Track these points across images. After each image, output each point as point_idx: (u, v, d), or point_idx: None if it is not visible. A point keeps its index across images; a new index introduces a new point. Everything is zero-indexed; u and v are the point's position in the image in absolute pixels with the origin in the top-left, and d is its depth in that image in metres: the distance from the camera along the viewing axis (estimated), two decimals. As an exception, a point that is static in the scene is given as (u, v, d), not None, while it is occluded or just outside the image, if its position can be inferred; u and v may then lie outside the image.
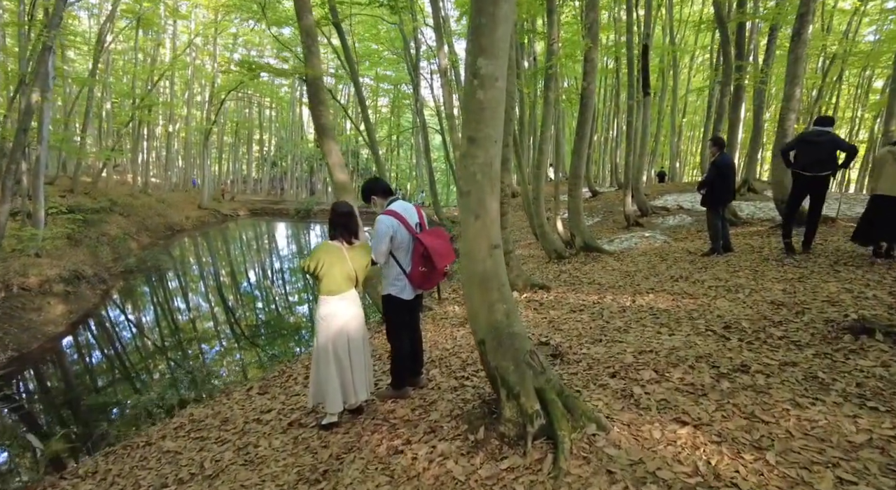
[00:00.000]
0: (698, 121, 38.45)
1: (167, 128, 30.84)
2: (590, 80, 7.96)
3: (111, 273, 18.06)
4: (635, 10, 16.03)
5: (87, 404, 6.53)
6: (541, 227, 9.80)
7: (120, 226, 23.01)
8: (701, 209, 15.88)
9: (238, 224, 31.32)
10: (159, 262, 20.35)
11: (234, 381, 6.34)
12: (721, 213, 7.18)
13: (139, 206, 25.58)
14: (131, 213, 24.51)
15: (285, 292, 16.34)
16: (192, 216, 28.29)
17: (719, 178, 6.92)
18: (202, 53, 29.95)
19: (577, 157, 8.24)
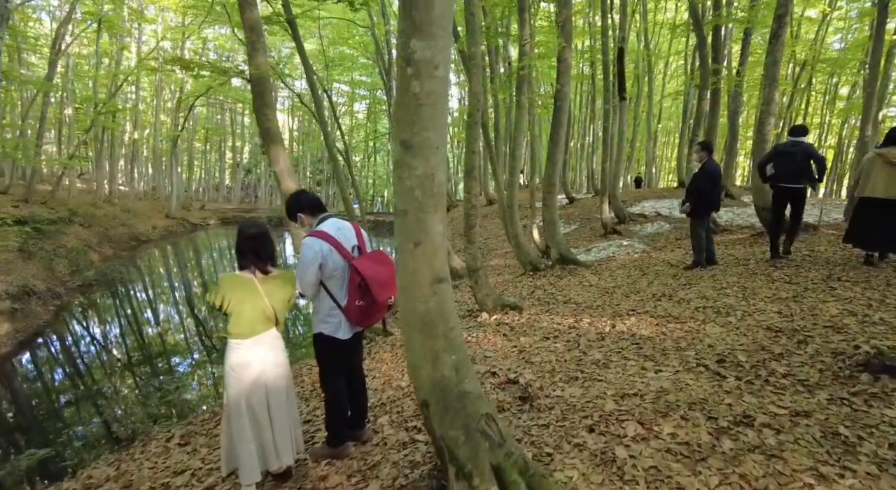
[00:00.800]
0: (673, 126, 38.62)
1: (133, 135, 29.60)
2: (564, 82, 7.43)
3: (67, 287, 16.98)
4: (610, 15, 15.70)
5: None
6: (515, 237, 9.23)
7: (80, 237, 21.84)
8: (679, 216, 15.57)
9: (208, 234, 30.21)
10: (121, 274, 19.30)
11: (169, 421, 5.56)
12: (707, 224, 6.70)
13: (102, 215, 24.40)
14: (93, 223, 23.33)
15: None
16: (160, 226, 27.15)
17: (708, 185, 6.44)
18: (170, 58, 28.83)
19: (552, 163, 7.70)
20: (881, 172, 5.33)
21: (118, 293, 17.82)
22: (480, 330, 5.12)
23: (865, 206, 5.47)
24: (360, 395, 3.18)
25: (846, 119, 28.72)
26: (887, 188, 5.27)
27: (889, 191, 5.27)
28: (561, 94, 7.45)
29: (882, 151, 5.41)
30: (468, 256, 5.58)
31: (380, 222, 29.42)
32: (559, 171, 7.74)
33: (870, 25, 22.70)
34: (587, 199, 20.16)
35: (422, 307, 2.15)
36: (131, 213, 26.53)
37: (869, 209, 5.42)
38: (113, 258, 22.30)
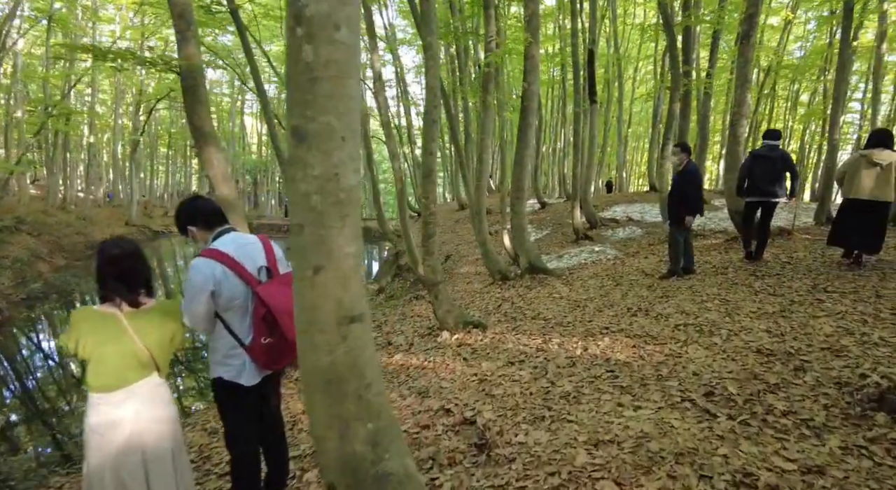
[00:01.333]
0: (643, 131, 38.90)
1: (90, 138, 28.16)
2: (531, 81, 6.94)
3: (10, 301, 15.79)
4: (580, 17, 15.41)
5: None
6: (483, 244, 8.69)
7: (27, 246, 20.50)
8: (652, 220, 15.33)
9: (172, 241, 28.93)
10: (71, 286, 18.13)
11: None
12: (687, 230, 6.26)
13: (54, 223, 23.05)
14: (43, 231, 21.99)
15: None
16: (119, 234, 25.81)
17: (689, 189, 6.02)
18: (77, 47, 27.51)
19: (520, 166, 7.19)
20: (865, 174, 5.28)
21: (69, 306, 16.69)
22: (439, 353, 4.54)
23: (849, 207, 5.45)
24: (278, 448, 2.56)
25: (807, 124, 29.25)
26: (871, 189, 5.25)
27: (873, 192, 5.24)
28: (528, 93, 6.96)
29: (866, 153, 5.35)
30: (427, 269, 5.02)
31: (350, 228, 28.60)
32: (528, 174, 7.24)
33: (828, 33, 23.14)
34: (559, 204, 19.84)
35: (325, 359, 1.55)
36: (88, 221, 25.16)
37: (852, 211, 5.41)
38: (65, 269, 21.01)
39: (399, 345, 5.22)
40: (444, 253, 17.30)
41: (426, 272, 4.99)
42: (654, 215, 15.02)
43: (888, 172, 5.23)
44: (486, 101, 7.99)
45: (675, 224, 6.17)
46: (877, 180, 5.22)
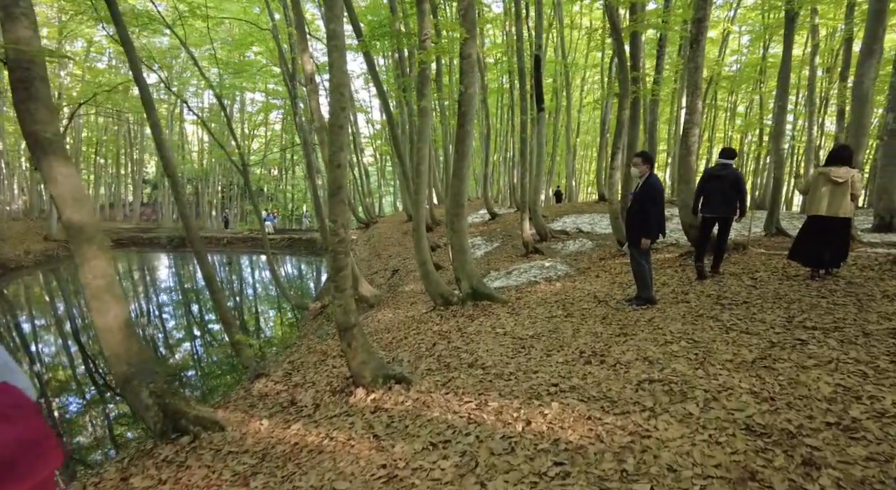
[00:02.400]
0: (591, 140, 39.15)
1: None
2: (468, 83, 6.05)
3: None
4: (526, 22, 14.78)
5: None
6: (423, 265, 7.71)
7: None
8: (602, 231, 14.80)
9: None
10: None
11: None
12: (649, 252, 5.50)
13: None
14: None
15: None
16: (36, 250, 23.33)
17: (651, 206, 5.24)
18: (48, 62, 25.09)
19: (458, 180, 6.27)
20: (824, 191, 5.35)
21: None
22: (347, 423, 3.51)
23: (811, 223, 5.48)
24: None
25: (744, 134, 30.01)
26: (828, 206, 5.32)
27: (831, 209, 5.30)
28: (465, 97, 6.06)
29: (824, 170, 5.41)
30: (337, 310, 3.99)
31: (296, 240, 27.03)
32: (466, 188, 6.33)
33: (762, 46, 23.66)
34: (510, 215, 19.15)
35: None
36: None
37: (814, 227, 5.44)
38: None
39: (304, 406, 4.15)
40: (392, 267, 16.23)
41: (337, 315, 3.97)
42: (604, 227, 14.50)
43: (845, 189, 5.26)
44: (423, 106, 7.05)
45: (635, 244, 5.38)
46: (833, 197, 5.29)
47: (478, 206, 24.02)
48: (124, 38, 5.26)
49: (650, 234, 5.24)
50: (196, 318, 14.89)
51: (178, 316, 15.30)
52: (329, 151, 3.86)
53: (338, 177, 3.82)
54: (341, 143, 3.83)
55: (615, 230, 10.62)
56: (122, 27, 5.23)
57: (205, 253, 5.71)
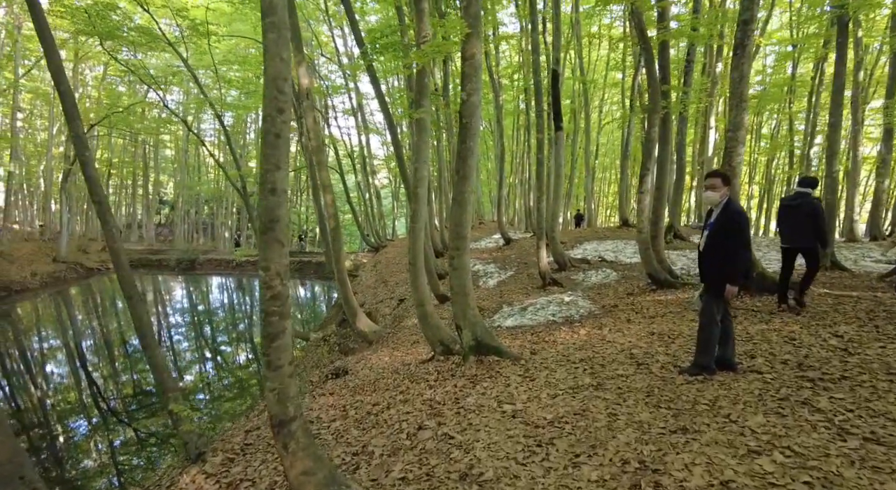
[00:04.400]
0: (609, 162, 37.84)
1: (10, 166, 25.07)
2: (471, 90, 4.87)
3: None
4: (543, 37, 13.71)
5: None
6: (420, 306, 6.44)
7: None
8: (627, 260, 13.34)
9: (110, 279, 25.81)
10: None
11: None
12: (727, 301, 4.00)
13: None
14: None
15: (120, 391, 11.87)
16: (43, 272, 22.68)
17: (733, 241, 3.77)
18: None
19: (459, 207, 5.03)
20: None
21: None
22: None
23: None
24: None
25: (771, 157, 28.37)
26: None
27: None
28: (468, 105, 4.87)
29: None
30: (269, 396, 2.74)
31: (306, 264, 26.02)
32: (469, 216, 5.07)
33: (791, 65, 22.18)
34: (525, 240, 17.81)
35: None
36: (5, 257, 22.00)
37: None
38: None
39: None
40: (399, 295, 14.99)
41: (269, 403, 2.72)
42: (629, 255, 13.08)
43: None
44: (419, 119, 5.87)
45: (714, 293, 3.93)
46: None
47: (492, 230, 22.74)
48: (47, 44, 4.21)
49: (736, 279, 3.82)
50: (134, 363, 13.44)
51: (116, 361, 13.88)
52: (261, 169, 2.67)
53: (272, 206, 2.63)
54: (278, 159, 2.64)
55: (645, 262, 9.24)
56: (42, 27, 4.20)
57: (134, 286, 4.54)
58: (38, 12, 4.22)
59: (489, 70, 17.20)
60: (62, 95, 4.19)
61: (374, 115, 33.48)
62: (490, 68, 17.23)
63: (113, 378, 12.47)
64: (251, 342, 16.88)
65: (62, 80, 4.15)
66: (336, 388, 6.13)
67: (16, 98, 21.74)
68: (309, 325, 18.89)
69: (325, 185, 9.97)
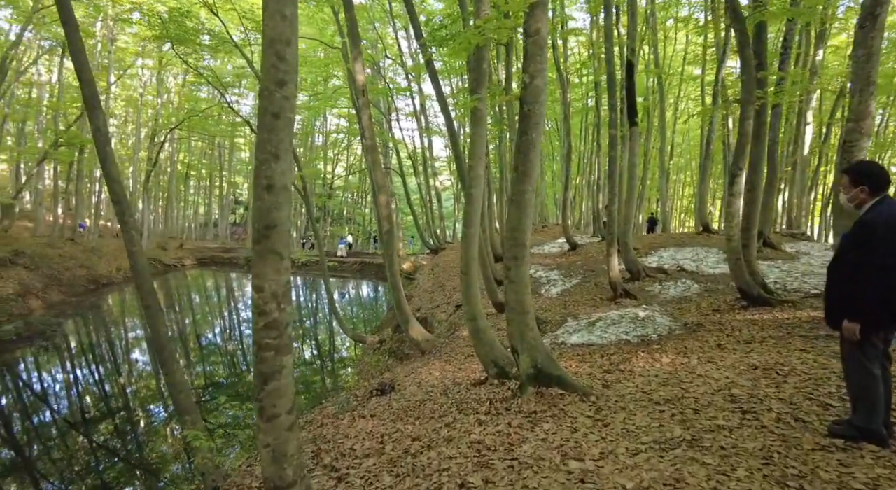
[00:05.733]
0: (684, 163, 35.34)
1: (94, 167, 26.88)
2: (535, 71, 4.07)
3: None
4: (616, 27, 12.55)
5: None
6: (472, 320, 5.71)
7: (21, 280, 18.75)
8: (710, 271, 11.86)
9: (186, 275, 27.10)
10: (52, 327, 16.08)
11: None
12: (885, 347, 2.83)
13: (56, 256, 21.37)
14: (41, 264, 20.28)
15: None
16: (126, 267, 24.02)
17: (873, 262, 2.62)
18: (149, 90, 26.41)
19: (517, 208, 4.22)
20: None
21: (44, 350, 14.63)
22: None
23: None
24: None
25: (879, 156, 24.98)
26: None
27: None
28: (530, 90, 4.07)
29: None
30: (263, 454, 2.11)
31: (367, 265, 25.99)
32: (529, 221, 4.25)
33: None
34: (593, 245, 16.57)
35: None
36: (94, 253, 23.53)
37: None
38: (60, 305, 19.13)
39: None
40: (456, 301, 14.31)
41: (263, 463, 2.09)
42: (713, 265, 11.63)
43: None
44: (476, 109, 5.14)
45: (839, 329, 2.82)
46: None
47: (556, 234, 21.57)
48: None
49: (857, 314, 2.72)
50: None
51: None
52: (256, 159, 2.04)
53: (268, 207, 1.99)
54: (276, 146, 2.00)
55: (735, 274, 7.97)
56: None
57: (153, 294, 4.13)
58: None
59: (556, 64, 16.16)
60: (83, 84, 3.86)
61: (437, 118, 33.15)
62: (557, 63, 16.19)
63: (187, 369, 12.90)
64: (315, 339, 17.23)
65: (84, 68, 3.83)
66: (379, 408, 5.51)
67: (107, 105, 23.20)
68: (369, 326, 18.70)
69: (381, 185, 9.49)
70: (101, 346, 15.64)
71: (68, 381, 12.48)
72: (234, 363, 13.99)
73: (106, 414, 10.06)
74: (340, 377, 13.35)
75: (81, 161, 22.16)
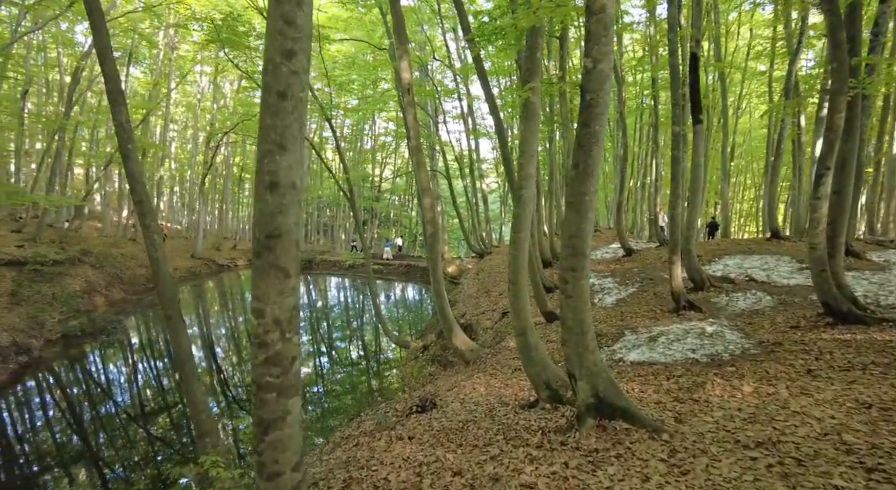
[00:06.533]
0: (744, 165, 33.21)
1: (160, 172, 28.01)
2: (599, 54, 3.48)
3: (47, 339, 14.47)
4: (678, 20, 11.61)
5: None
6: (522, 335, 5.15)
7: (87, 279, 19.64)
8: (783, 282, 10.71)
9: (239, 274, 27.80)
10: (114, 323, 16.71)
11: None
12: None
13: (118, 255, 22.33)
14: (106, 263, 21.23)
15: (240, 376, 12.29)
16: (182, 267, 24.89)
17: None
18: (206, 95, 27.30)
19: (576, 213, 3.65)
20: None
21: (106, 346, 15.21)
22: None
23: None
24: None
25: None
26: None
27: None
28: (593, 76, 3.50)
29: None
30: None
31: (412, 267, 25.75)
32: (590, 228, 3.68)
33: None
34: (649, 251, 15.55)
35: None
36: (154, 253, 24.45)
37: None
38: (121, 302, 19.94)
39: None
40: (502, 308, 13.71)
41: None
42: (787, 275, 10.51)
43: None
44: (527, 101, 4.59)
45: None
46: None
47: (608, 239, 20.52)
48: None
49: None
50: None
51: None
52: (258, 150, 1.61)
53: (271, 211, 1.55)
54: (282, 134, 1.55)
55: (819, 287, 7.01)
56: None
57: (175, 303, 3.86)
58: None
59: (611, 61, 15.27)
60: (107, 78, 3.65)
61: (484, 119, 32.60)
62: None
63: (239, 367, 13.09)
64: (362, 339, 17.49)
65: (108, 60, 3.60)
66: (418, 428, 5.05)
67: (167, 111, 24.12)
68: (414, 328, 18.42)
69: (425, 187, 9.09)
70: (159, 342, 16.08)
71: (129, 375, 12.89)
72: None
73: (163, 407, 10.25)
74: (385, 378, 13.19)
75: (143, 164, 23.05)
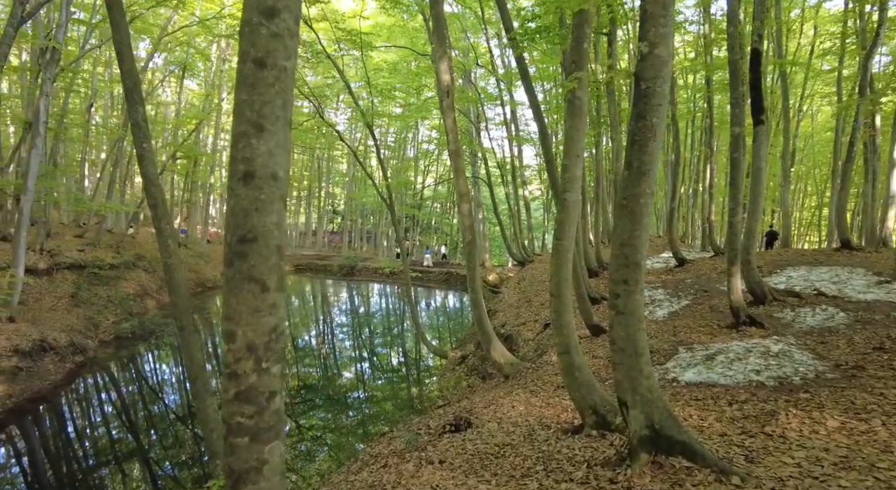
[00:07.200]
0: (804, 171, 31.12)
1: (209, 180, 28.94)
2: (656, 39, 3.00)
3: (101, 340, 15.08)
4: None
5: None
6: (564, 353, 4.69)
7: (140, 282, 20.46)
8: (858, 296, 9.67)
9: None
10: (162, 326, 17.28)
11: None
12: None
13: (170, 260, 23.13)
14: (157, 268, 22.05)
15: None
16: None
17: None
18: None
19: (630, 218, 3.16)
20: None
21: (155, 347, 15.74)
22: None
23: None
24: None
25: None
26: None
27: None
28: (650, 62, 3.05)
29: None
30: None
31: (452, 275, 25.44)
32: (646, 236, 3.21)
33: None
34: (703, 261, 14.59)
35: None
36: (203, 258, 25.29)
37: None
38: (171, 306, 20.65)
39: None
40: (544, 319, 13.13)
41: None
42: (860, 289, 9.48)
43: None
44: (575, 100, 4.17)
45: None
46: None
47: (659, 247, 19.52)
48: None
49: None
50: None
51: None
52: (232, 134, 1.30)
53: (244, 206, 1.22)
54: (259, 111, 1.22)
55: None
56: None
57: (189, 313, 3.66)
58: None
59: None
60: (124, 75, 3.51)
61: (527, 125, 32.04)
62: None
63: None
64: (403, 346, 17.39)
65: (126, 56, 3.46)
66: (451, 451, 4.66)
67: (218, 120, 24.94)
68: (453, 336, 18.08)
69: (463, 193, 8.75)
70: (207, 345, 16.47)
71: (178, 375, 13.24)
72: (327, 366, 14.41)
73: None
74: (425, 387, 13.03)
75: (196, 173, 23.85)
